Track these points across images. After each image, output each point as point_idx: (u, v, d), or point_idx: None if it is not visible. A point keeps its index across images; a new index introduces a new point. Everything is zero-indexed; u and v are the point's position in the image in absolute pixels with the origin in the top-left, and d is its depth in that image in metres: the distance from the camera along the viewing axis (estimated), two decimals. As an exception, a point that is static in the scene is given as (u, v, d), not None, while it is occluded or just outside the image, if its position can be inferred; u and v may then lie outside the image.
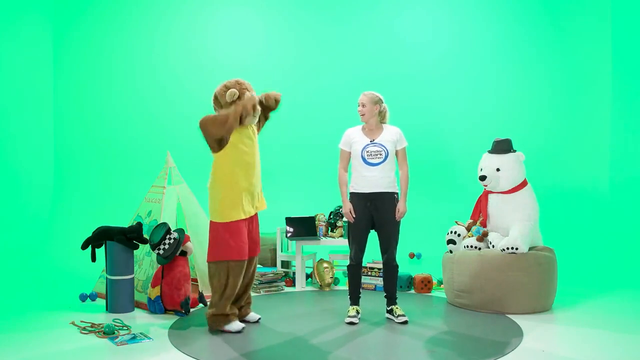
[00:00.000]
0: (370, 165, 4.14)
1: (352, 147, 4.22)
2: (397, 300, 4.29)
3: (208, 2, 7.22)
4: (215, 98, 4.03)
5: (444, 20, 7.30)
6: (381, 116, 4.24)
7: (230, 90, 3.91)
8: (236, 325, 3.97)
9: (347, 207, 4.21)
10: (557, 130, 7.00)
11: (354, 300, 4.28)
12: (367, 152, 4.14)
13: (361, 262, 4.28)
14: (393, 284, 4.26)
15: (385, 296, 4.30)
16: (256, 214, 4.18)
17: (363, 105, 4.16)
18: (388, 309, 4.29)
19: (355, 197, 4.21)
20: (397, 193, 4.22)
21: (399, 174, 4.26)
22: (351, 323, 4.14)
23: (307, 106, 7.14)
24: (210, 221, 4.05)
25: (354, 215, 4.18)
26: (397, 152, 4.23)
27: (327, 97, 7.22)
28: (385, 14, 7.28)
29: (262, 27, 7.29)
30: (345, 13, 7.31)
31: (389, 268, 4.23)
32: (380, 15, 7.28)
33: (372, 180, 4.15)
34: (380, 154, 4.14)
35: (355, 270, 4.25)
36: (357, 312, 4.24)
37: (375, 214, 4.18)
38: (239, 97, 3.91)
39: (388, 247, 4.20)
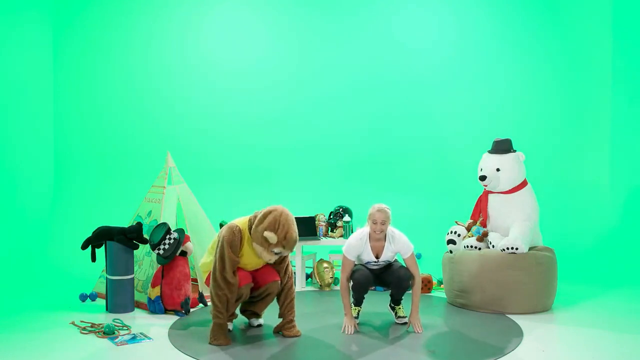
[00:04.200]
0: (376, 265, 4.17)
1: (357, 258, 4.18)
2: (401, 303, 4.29)
3: (207, 3, 7.22)
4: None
5: (444, 20, 7.29)
6: None
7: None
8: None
9: (350, 319, 3.99)
10: (557, 130, 7.00)
11: (357, 302, 4.25)
12: (371, 264, 4.14)
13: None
14: (403, 292, 4.19)
15: (391, 295, 4.26)
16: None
17: (383, 223, 3.94)
18: (391, 305, 4.30)
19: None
20: (396, 260, 4.25)
21: (411, 283, 4.04)
22: (351, 324, 4.14)
23: (307, 107, 7.14)
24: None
25: (353, 328, 3.98)
26: (405, 260, 4.07)
27: (327, 98, 7.21)
28: (386, 16, 7.27)
29: (262, 28, 7.27)
30: (346, 16, 7.30)
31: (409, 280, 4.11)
32: (382, 18, 7.27)
33: (376, 270, 4.19)
34: (384, 263, 4.16)
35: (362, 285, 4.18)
36: (358, 313, 4.23)
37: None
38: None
39: (412, 272, 4.07)
